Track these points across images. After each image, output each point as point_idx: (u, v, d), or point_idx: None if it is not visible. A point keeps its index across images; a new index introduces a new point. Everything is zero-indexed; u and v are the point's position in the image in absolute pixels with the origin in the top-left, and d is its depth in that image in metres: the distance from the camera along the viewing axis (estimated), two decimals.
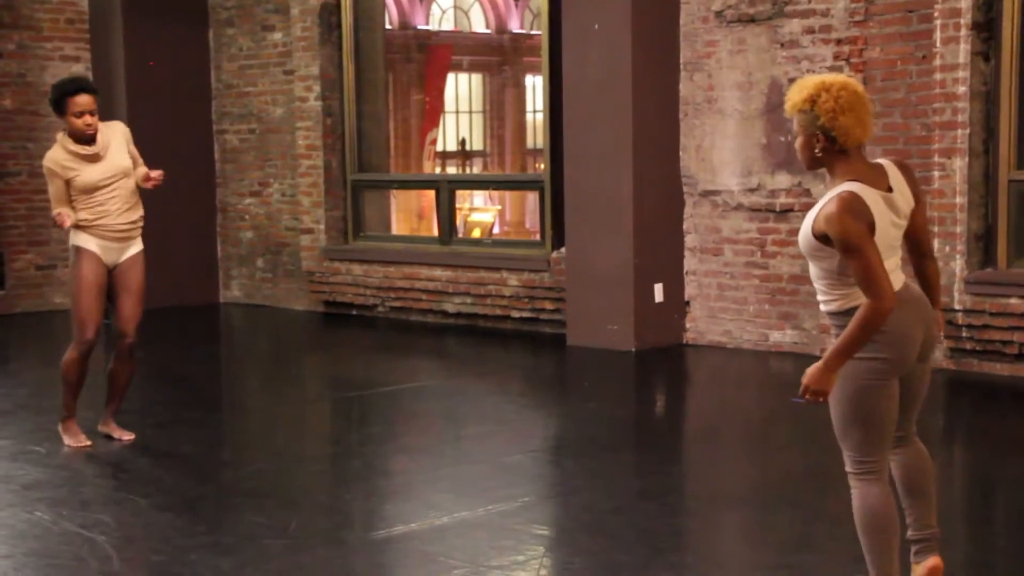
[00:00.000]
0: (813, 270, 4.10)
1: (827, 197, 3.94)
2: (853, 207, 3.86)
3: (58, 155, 6.75)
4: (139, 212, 6.92)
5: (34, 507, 5.79)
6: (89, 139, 6.75)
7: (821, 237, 3.94)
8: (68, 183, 6.73)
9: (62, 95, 6.71)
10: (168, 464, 6.65)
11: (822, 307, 4.14)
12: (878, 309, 3.84)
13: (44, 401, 7.91)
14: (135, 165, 6.94)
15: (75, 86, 6.76)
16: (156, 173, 6.86)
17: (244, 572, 4.88)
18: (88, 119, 6.70)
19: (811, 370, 4.01)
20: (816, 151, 4.02)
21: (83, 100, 6.70)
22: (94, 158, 6.75)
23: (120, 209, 6.80)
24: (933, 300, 4.19)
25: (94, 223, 6.75)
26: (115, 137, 6.86)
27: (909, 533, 4.32)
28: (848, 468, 4.11)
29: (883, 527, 4.06)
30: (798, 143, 4.09)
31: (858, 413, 4.02)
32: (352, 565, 5.06)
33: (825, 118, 3.96)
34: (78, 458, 6.79)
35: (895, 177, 4.05)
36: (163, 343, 10.49)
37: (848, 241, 3.84)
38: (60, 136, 6.83)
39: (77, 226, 6.78)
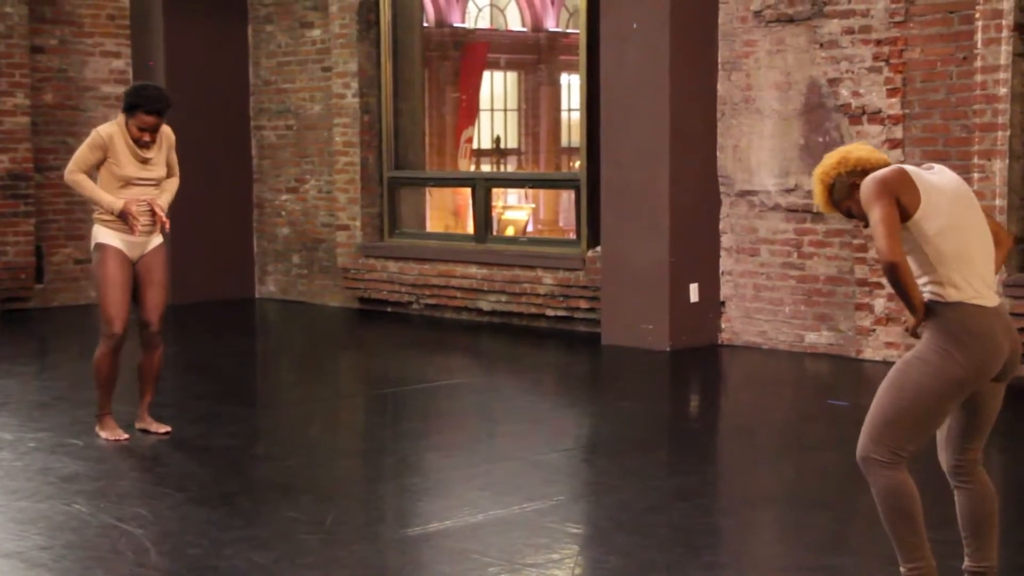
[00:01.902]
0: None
1: None
2: (884, 175, 3.98)
3: (113, 131, 6.79)
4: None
5: (72, 499, 5.81)
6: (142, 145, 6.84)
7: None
8: (103, 163, 6.77)
9: (136, 106, 6.75)
10: (204, 458, 6.67)
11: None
12: (883, 265, 3.89)
13: (82, 394, 7.94)
14: (169, 173, 7.00)
15: (150, 106, 6.76)
16: (160, 214, 6.87)
17: (279, 566, 4.88)
18: (147, 136, 6.78)
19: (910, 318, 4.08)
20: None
21: (151, 120, 6.77)
22: (141, 159, 6.82)
23: (145, 209, 6.84)
24: None
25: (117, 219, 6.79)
26: (163, 143, 6.94)
27: (966, 564, 4.27)
28: (877, 455, 4.05)
29: (915, 511, 4.07)
30: (856, 211, 4.15)
31: (917, 411, 4.01)
32: (387, 561, 5.06)
33: (844, 169, 4.12)
34: (115, 451, 6.81)
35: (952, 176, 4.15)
36: (199, 337, 10.54)
37: (870, 193, 3.96)
38: (121, 118, 6.85)
39: (100, 222, 6.84)
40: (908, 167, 4.05)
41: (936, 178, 4.07)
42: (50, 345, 11.09)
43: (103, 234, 6.84)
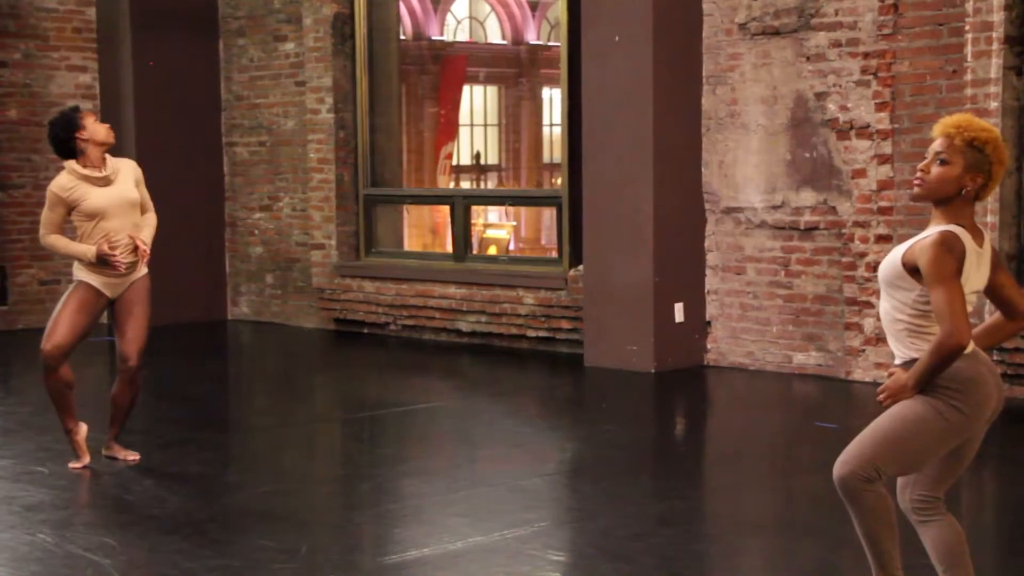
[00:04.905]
0: (885, 306, 4.10)
1: (927, 232, 4.00)
2: (954, 245, 3.93)
3: (63, 180, 6.75)
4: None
5: (37, 529, 5.74)
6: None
7: (910, 267, 3.99)
8: (71, 210, 6.70)
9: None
10: (174, 485, 6.57)
11: (897, 360, 4.12)
12: (951, 344, 3.87)
13: (47, 420, 7.83)
14: (143, 209, 6.91)
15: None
16: (143, 248, 6.76)
17: None
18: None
19: (897, 380, 4.03)
20: (963, 190, 4.02)
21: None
22: (103, 182, 6.73)
23: (128, 246, 6.73)
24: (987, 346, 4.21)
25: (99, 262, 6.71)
26: (123, 169, 6.86)
27: None
28: (864, 472, 4.05)
29: (895, 522, 4.11)
30: (942, 171, 4.02)
31: (913, 446, 4.03)
32: None
33: (995, 160, 4.03)
34: (82, 479, 6.73)
35: (987, 244, 4.11)
36: (170, 361, 10.43)
37: (938, 271, 3.90)
38: (68, 164, 6.78)
39: (83, 264, 6.75)
40: (968, 244, 3.97)
41: (977, 258, 4.02)
42: (13, 369, 10.95)
43: (82, 273, 6.79)
